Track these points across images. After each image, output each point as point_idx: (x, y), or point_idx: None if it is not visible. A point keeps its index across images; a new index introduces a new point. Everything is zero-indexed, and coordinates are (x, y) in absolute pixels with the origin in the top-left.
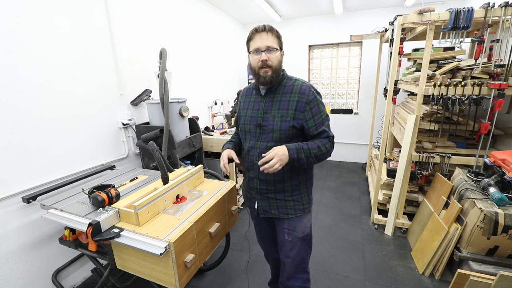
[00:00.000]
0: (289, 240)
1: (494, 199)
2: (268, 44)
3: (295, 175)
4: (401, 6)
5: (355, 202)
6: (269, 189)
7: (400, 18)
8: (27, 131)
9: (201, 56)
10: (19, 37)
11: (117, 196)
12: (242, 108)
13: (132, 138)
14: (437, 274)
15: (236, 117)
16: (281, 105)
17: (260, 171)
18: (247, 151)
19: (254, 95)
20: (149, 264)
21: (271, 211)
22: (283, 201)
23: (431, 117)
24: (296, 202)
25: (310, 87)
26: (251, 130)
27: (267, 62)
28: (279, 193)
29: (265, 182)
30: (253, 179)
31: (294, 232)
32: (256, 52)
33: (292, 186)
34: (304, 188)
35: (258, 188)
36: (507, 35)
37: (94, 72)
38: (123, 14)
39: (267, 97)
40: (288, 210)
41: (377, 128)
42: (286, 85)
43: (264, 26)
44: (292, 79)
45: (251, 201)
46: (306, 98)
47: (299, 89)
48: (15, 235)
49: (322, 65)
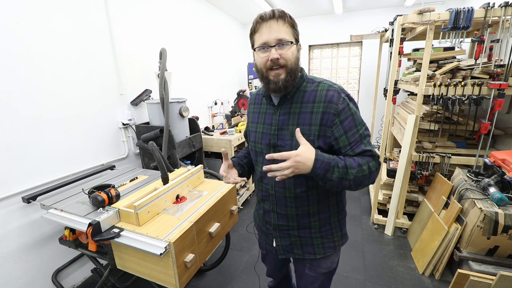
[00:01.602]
0: (311, 275)
1: (494, 199)
2: (279, 36)
3: (324, 206)
4: (401, 6)
5: (355, 202)
6: (290, 225)
7: (400, 18)
8: (27, 131)
9: (201, 56)
10: (19, 37)
11: (117, 196)
12: (252, 122)
13: (132, 138)
14: (437, 274)
15: (245, 131)
16: (301, 118)
17: (278, 204)
18: (259, 178)
19: (265, 104)
20: (149, 264)
21: (293, 250)
22: (309, 239)
23: (431, 117)
24: (326, 240)
25: (340, 91)
26: (263, 151)
27: (279, 61)
28: (303, 229)
29: (285, 217)
30: (269, 212)
31: (318, 268)
32: (263, 49)
33: (321, 220)
34: (336, 221)
35: (276, 224)
36: (507, 35)
37: (94, 72)
38: (123, 14)
39: (282, 108)
40: (315, 249)
41: (377, 128)
42: (306, 91)
43: (273, 12)
44: (315, 81)
45: (268, 237)
46: (335, 107)
47: (325, 95)
48: (15, 235)
49: (322, 65)
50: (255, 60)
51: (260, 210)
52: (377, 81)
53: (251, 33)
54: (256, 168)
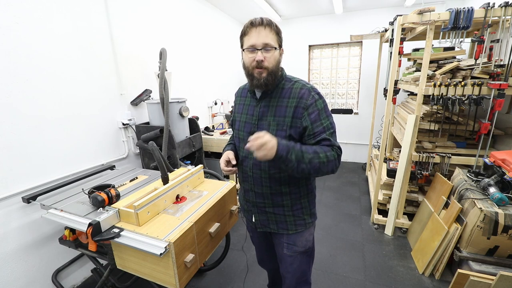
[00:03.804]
0: (289, 254)
1: (494, 199)
2: (265, 41)
3: (295, 187)
4: (401, 6)
5: (355, 202)
6: (266, 202)
7: (400, 18)
8: (27, 131)
9: (201, 56)
10: (19, 37)
11: (117, 196)
12: (237, 112)
13: (132, 138)
14: (437, 274)
15: (231, 120)
16: (277, 111)
17: (256, 183)
18: (241, 161)
19: (249, 97)
20: (149, 264)
21: (269, 225)
22: (282, 216)
23: (431, 117)
24: (297, 218)
25: (311, 89)
26: (244, 138)
27: (263, 63)
28: (277, 207)
29: (261, 195)
30: (248, 191)
31: (294, 247)
32: (251, 50)
33: (292, 200)
34: (306, 201)
35: (254, 201)
36: (507, 35)
37: (94, 72)
38: (123, 14)
39: (263, 101)
40: (288, 225)
41: (377, 128)
42: (284, 88)
43: (262, 20)
44: (292, 80)
45: (248, 214)
46: (305, 103)
47: (298, 93)
48: (15, 235)
49: (322, 65)
50: (243, 59)
51: (242, 190)
52: (377, 81)
53: (242, 35)
54: (238, 152)
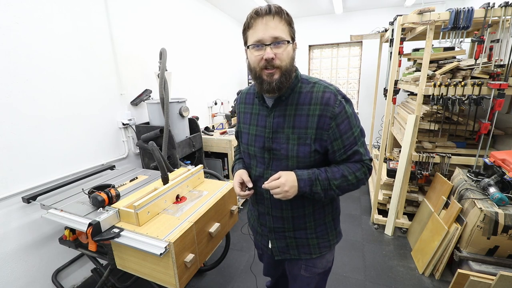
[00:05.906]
0: (307, 276)
1: (494, 199)
2: (275, 34)
3: (319, 207)
4: (401, 6)
5: (355, 202)
6: (286, 227)
7: (400, 18)
8: (27, 131)
9: (201, 56)
10: (19, 37)
11: (117, 196)
12: (243, 122)
13: (132, 138)
14: (437, 274)
15: (235, 131)
16: (297, 121)
17: (273, 207)
18: (254, 181)
19: (257, 105)
20: (149, 264)
21: (289, 251)
22: (305, 240)
23: (431, 117)
24: (321, 239)
25: (337, 93)
26: (256, 154)
27: (273, 61)
28: (299, 231)
29: (280, 219)
30: (265, 215)
31: (314, 268)
32: (257, 47)
33: (315, 220)
34: (331, 220)
35: (271, 226)
36: (507, 35)
37: (94, 72)
38: (123, 14)
39: (277, 110)
40: (311, 249)
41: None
42: (301, 92)
43: (269, 8)
44: (310, 81)
45: (263, 238)
46: (332, 111)
47: (321, 98)
48: (15, 235)
49: (322, 65)
50: (248, 58)
51: (255, 212)
52: (377, 81)
53: (245, 29)
54: (249, 170)
